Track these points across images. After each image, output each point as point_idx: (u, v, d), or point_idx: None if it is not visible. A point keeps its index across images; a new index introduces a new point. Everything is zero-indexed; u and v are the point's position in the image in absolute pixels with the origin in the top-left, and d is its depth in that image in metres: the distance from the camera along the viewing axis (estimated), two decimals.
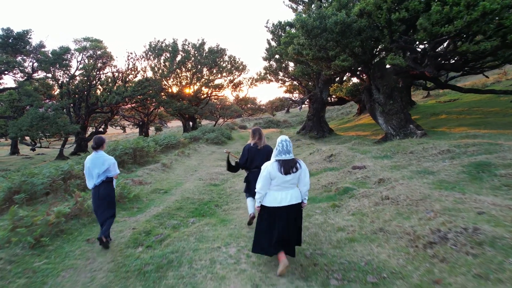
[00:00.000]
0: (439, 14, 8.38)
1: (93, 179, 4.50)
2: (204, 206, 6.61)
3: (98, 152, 4.59)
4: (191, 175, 10.18)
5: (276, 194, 3.64)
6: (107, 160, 4.58)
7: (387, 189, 5.65)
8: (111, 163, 4.63)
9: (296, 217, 3.70)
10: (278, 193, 3.64)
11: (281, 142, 3.70)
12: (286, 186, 3.64)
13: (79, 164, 8.02)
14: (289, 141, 3.73)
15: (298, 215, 3.76)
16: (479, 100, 21.98)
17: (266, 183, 3.64)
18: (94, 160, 4.52)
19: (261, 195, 3.70)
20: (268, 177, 3.62)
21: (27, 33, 25.64)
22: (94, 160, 4.52)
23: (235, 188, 7.97)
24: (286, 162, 3.61)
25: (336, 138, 19.39)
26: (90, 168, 4.51)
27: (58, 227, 4.63)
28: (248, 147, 5.00)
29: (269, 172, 3.61)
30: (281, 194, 3.63)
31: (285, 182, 3.60)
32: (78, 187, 6.72)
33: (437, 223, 3.86)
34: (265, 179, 3.62)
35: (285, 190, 3.65)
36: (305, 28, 11.78)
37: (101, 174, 4.53)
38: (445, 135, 11.31)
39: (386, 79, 13.28)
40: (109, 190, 4.59)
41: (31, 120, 21.97)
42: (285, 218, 3.60)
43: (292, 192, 3.68)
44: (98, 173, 4.50)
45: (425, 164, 7.43)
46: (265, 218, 3.73)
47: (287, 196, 3.63)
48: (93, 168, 4.49)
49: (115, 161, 4.74)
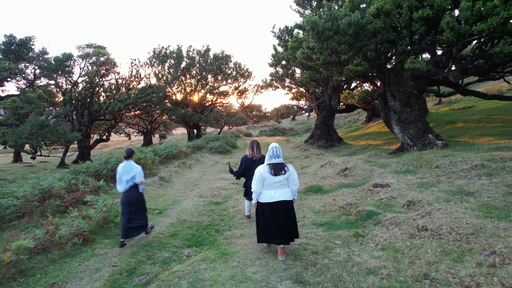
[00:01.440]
0: (469, 11, 7.43)
1: (123, 184, 5.17)
2: (202, 232, 5.65)
3: (128, 161, 5.27)
4: (191, 190, 9.24)
5: (267, 192, 4.27)
6: (134, 168, 5.23)
7: (422, 216, 4.65)
8: (137, 171, 5.26)
9: (285, 211, 4.24)
10: (269, 191, 4.26)
11: (271, 149, 4.33)
12: (276, 186, 4.24)
13: (61, 180, 7.11)
14: (279, 148, 4.38)
15: (288, 209, 4.27)
16: (496, 107, 20.87)
17: (259, 183, 4.25)
18: (125, 168, 5.19)
19: (256, 194, 4.32)
20: (261, 178, 4.24)
21: (30, 40, 25.22)
22: (125, 168, 5.19)
23: (239, 208, 6.99)
24: (276, 165, 4.23)
25: (346, 148, 18.38)
26: (120, 175, 5.19)
27: (16, 267, 3.72)
28: (245, 158, 5.74)
29: (261, 174, 4.24)
30: (271, 192, 4.25)
31: (275, 182, 4.22)
32: (58, 209, 5.82)
33: (510, 273, 2.87)
34: (258, 180, 4.25)
35: (275, 189, 4.25)
36: (315, 30, 10.90)
37: (129, 180, 5.17)
38: (470, 146, 10.27)
39: (403, 85, 12.30)
40: (137, 195, 5.26)
41: (31, 128, 21.37)
42: (275, 211, 4.22)
43: (281, 191, 4.25)
44: (127, 179, 5.16)
45: (458, 182, 6.41)
46: (260, 212, 4.37)
47: (275, 194, 4.22)
48: (123, 175, 5.16)
49: (141, 170, 5.37)
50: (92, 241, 4.89)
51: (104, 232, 5.27)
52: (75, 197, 6.30)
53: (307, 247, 4.52)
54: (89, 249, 4.66)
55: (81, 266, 4.15)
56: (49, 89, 29.26)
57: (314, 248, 4.48)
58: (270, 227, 4.22)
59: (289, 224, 4.23)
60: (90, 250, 4.63)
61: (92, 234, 4.98)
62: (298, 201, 7.16)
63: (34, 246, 4.05)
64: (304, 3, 22.84)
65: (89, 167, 8.44)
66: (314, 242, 4.71)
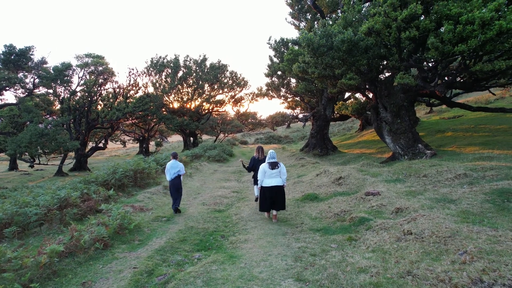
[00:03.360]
0: (451, 33, 8.13)
1: (171, 175, 7.97)
2: (209, 237, 6.16)
3: (175, 160, 8.18)
4: (194, 198, 9.74)
5: (267, 180, 6.72)
6: (179, 165, 8.17)
7: (408, 222, 5.23)
8: (181, 167, 8.21)
9: (277, 191, 6.70)
10: (268, 180, 6.71)
11: (270, 153, 6.86)
12: (272, 176, 6.71)
13: (77, 190, 7.58)
14: (274, 152, 6.88)
15: (280, 191, 6.74)
16: (484, 116, 21.68)
17: (262, 174, 6.74)
18: (172, 164, 8.08)
19: (261, 181, 6.78)
20: (263, 171, 6.73)
21: (29, 50, 25.56)
22: (172, 164, 8.08)
23: (242, 215, 7.53)
24: (272, 163, 6.71)
25: (340, 156, 19.00)
26: (169, 169, 8.04)
27: (50, 268, 4.19)
28: (253, 158, 8.41)
29: (263, 168, 6.73)
30: (269, 180, 6.71)
31: (271, 174, 6.69)
32: (75, 217, 6.29)
33: (476, 269, 3.43)
34: (261, 172, 6.74)
35: (271, 178, 6.71)
36: (311, 47, 11.57)
37: (175, 173, 8.02)
38: (457, 156, 10.93)
39: (394, 97, 13.00)
40: (179, 181, 8.09)
41: (30, 136, 21.60)
42: (272, 191, 6.67)
43: (275, 179, 6.72)
44: (174, 172, 8.00)
45: (442, 190, 7.03)
46: (262, 193, 6.81)
47: (272, 181, 6.68)
48: (171, 169, 8.02)
49: (183, 166, 8.30)
50: (111, 246, 5.38)
51: (120, 238, 5.76)
52: (89, 206, 6.78)
53: (306, 250, 5.05)
54: (109, 253, 5.14)
55: (105, 268, 4.64)
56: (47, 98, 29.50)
57: (312, 251, 5.02)
58: (268, 201, 6.73)
59: (280, 200, 6.76)
60: (110, 254, 5.12)
61: (110, 240, 5.47)
62: (296, 209, 7.73)
63: (63, 250, 4.52)
64: (299, 16, 23.68)
65: (98, 177, 8.93)
66: (312, 245, 5.25)
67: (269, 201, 6.64)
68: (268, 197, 6.63)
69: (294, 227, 6.41)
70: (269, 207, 6.74)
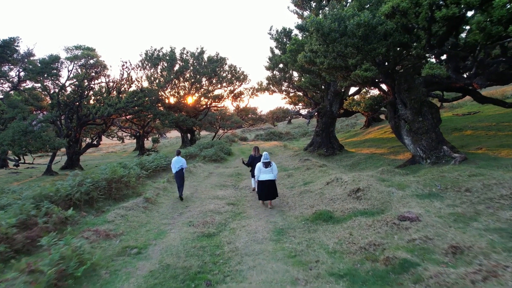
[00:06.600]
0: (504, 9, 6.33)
1: (176, 168, 9.86)
2: (190, 285, 4.43)
3: (178, 156, 10.11)
4: (180, 214, 7.98)
5: (262, 175, 8.42)
6: (182, 160, 10.16)
7: (483, 278, 3.50)
8: (184, 162, 10.23)
9: (270, 184, 8.42)
10: (263, 175, 8.41)
11: (264, 155, 8.75)
12: (266, 172, 8.42)
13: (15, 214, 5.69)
14: (268, 154, 8.83)
15: (272, 184, 8.46)
16: (505, 113, 19.90)
17: (258, 171, 8.52)
18: (177, 159, 9.99)
19: (257, 176, 8.54)
20: (259, 168, 8.52)
21: (14, 41, 23.86)
22: (177, 159, 9.99)
23: (236, 244, 5.73)
24: (266, 163, 8.49)
25: (348, 157, 17.25)
26: (174, 163, 9.93)
27: None
28: (251, 156, 10.60)
29: (259, 166, 8.53)
30: (264, 175, 8.41)
31: (265, 171, 8.43)
32: (1, 257, 4.49)
33: None
34: (258, 169, 8.54)
35: (266, 174, 8.41)
36: (320, 32, 9.78)
37: (179, 167, 9.90)
38: (495, 161, 9.19)
39: (414, 92, 11.21)
40: (183, 173, 9.96)
41: (13, 134, 19.92)
42: (266, 185, 8.40)
43: (268, 175, 8.41)
44: (178, 166, 9.90)
45: (504, 214, 5.27)
46: (259, 185, 8.56)
47: (266, 176, 8.40)
48: (176, 163, 9.91)
49: (185, 161, 10.42)
50: None
51: None
52: (30, 237, 4.98)
53: None
54: None
55: None
56: (36, 93, 27.88)
57: None
58: (264, 192, 8.43)
59: (273, 191, 8.46)
60: None
61: None
62: (307, 234, 5.99)
63: None
64: (303, 4, 21.77)
65: (59, 190, 7.08)
66: None
67: (265, 191, 8.41)
68: (264, 188, 8.41)
69: (306, 267, 4.67)
70: (265, 197, 8.48)
